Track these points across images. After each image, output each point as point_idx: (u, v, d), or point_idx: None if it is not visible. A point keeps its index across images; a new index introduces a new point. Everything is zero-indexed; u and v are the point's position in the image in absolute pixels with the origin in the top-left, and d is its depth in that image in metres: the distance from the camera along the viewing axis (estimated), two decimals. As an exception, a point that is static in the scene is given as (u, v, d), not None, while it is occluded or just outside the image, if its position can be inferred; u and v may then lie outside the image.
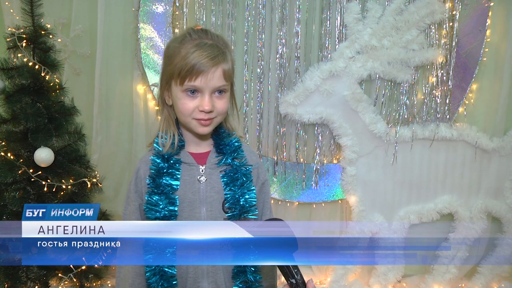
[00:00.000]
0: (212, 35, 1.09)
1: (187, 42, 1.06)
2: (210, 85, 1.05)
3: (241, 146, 1.17)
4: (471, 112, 2.45)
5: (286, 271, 0.95)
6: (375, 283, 2.48)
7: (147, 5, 2.33)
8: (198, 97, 1.06)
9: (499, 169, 2.45)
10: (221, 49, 1.07)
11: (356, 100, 2.31)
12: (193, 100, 1.06)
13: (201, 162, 1.14)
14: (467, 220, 2.45)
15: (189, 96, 1.06)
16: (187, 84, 1.04)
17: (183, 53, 1.04)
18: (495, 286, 2.50)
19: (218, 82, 1.05)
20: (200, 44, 1.05)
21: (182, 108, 1.07)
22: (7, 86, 1.96)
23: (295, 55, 2.37)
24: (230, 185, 1.11)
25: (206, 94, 1.05)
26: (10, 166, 1.91)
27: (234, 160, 1.14)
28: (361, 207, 2.42)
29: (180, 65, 1.04)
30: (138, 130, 2.44)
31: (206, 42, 1.06)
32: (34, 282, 1.97)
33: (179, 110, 1.09)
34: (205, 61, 1.03)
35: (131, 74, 2.41)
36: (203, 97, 1.05)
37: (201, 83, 1.04)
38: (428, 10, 2.27)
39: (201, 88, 1.05)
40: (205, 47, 1.04)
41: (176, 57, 1.06)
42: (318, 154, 2.45)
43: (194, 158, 1.14)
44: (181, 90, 1.06)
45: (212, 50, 1.05)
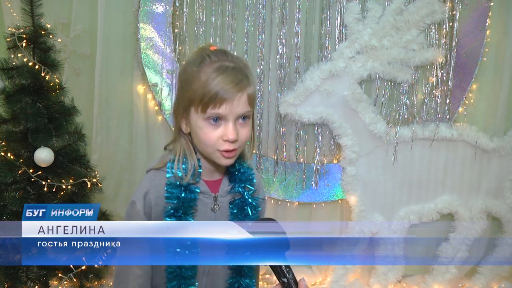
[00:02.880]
0: (232, 57, 1.02)
1: (206, 65, 0.98)
2: (235, 112, 0.97)
3: (253, 175, 1.12)
4: (471, 112, 2.45)
5: (278, 270, 0.95)
6: (375, 283, 2.48)
7: (147, 5, 2.33)
8: (221, 126, 0.98)
9: (499, 169, 2.45)
10: (244, 73, 1.00)
11: (356, 100, 2.31)
12: (216, 129, 0.98)
13: (214, 190, 1.10)
14: (467, 220, 2.45)
15: (212, 125, 0.98)
16: (210, 111, 0.96)
17: (203, 78, 0.97)
18: (495, 286, 2.50)
19: (243, 108, 0.98)
20: (221, 67, 0.97)
21: (205, 138, 0.99)
22: (7, 86, 1.96)
23: (295, 55, 2.37)
24: (237, 214, 1.08)
25: (231, 121, 0.98)
26: (10, 166, 1.91)
27: (244, 190, 1.10)
28: (361, 207, 2.42)
29: (201, 91, 0.96)
30: (138, 130, 2.44)
31: (227, 65, 0.98)
32: (34, 282, 1.98)
33: (200, 140, 1.01)
34: (230, 86, 0.95)
35: (131, 74, 2.41)
36: (227, 125, 0.98)
37: (226, 110, 0.96)
38: (428, 10, 2.27)
39: (226, 116, 0.97)
40: (228, 71, 0.97)
41: (195, 82, 0.98)
42: (318, 154, 2.45)
43: (208, 186, 1.09)
44: (203, 118, 0.98)
45: (236, 74, 0.97)
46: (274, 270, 0.96)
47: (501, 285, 2.49)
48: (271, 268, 0.97)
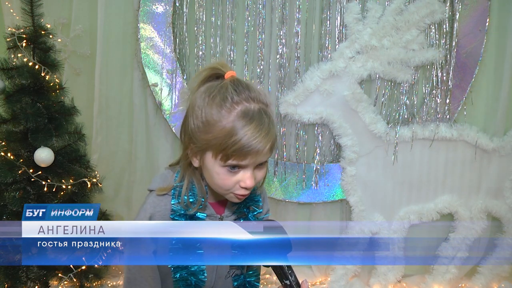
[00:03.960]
0: (254, 92, 0.92)
1: (228, 108, 0.89)
2: (257, 162, 0.93)
3: (259, 197, 1.10)
4: (471, 112, 2.45)
5: (280, 272, 0.95)
6: (375, 283, 2.48)
7: (147, 5, 2.33)
8: (240, 172, 0.93)
9: (499, 169, 2.45)
10: (268, 116, 0.92)
11: (356, 100, 2.31)
12: (234, 176, 0.93)
13: (220, 211, 1.08)
14: (467, 220, 2.45)
15: (229, 172, 0.92)
16: (231, 162, 0.90)
17: (226, 124, 0.88)
18: (495, 286, 2.50)
19: (266, 157, 0.93)
20: (247, 114, 0.89)
21: (221, 183, 0.94)
22: (7, 86, 1.96)
23: (295, 55, 2.37)
24: None
25: (250, 170, 0.93)
26: (10, 166, 1.91)
27: (249, 210, 1.08)
28: (361, 207, 2.42)
29: (224, 141, 0.88)
30: (138, 130, 2.44)
31: (252, 109, 0.90)
32: (34, 282, 1.98)
33: (214, 183, 0.96)
34: (258, 140, 0.88)
35: (131, 74, 2.41)
36: (245, 173, 0.93)
37: (250, 162, 0.91)
38: (428, 10, 2.27)
39: (247, 166, 0.92)
40: (255, 120, 0.89)
41: (215, 127, 0.90)
42: (318, 154, 2.45)
43: (213, 208, 1.07)
44: (220, 165, 0.92)
45: (263, 122, 0.90)
46: (276, 272, 0.96)
47: (501, 285, 2.49)
48: (273, 270, 0.96)
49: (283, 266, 0.94)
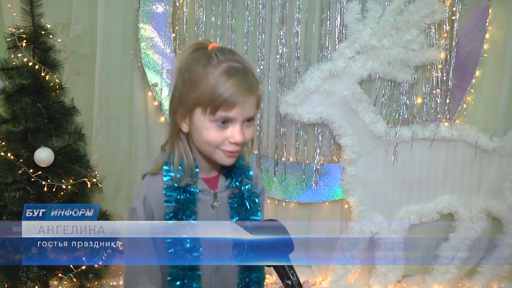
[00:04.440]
0: (238, 56, 0.99)
1: (213, 66, 0.96)
2: (245, 115, 0.97)
3: (249, 168, 1.13)
4: (471, 112, 2.45)
5: (282, 272, 0.94)
6: (375, 283, 2.48)
7: (147, 5, 2.33)
8: (228, 127, 0.97)
9: (499, 169, 2.45)
10: (253, 74, 0.99)
11: (356, 100, 2.31)
12: (223, 131, 0.97)
13: (213, 186, 1.10)
14: (467, 220, 2.45)
15: (219, 127, 0.97)
16: (219, 114, 0.95)
17: (212, 79, 0.95)
18: (495, 286, 2.50)
19: (252, 111, 0.99)
20: (231, 69, 0.95)
21: (210, 139, 0.98)
22: (7, 86, 1.96)
23: (295, 55, 2.37)
24: (237, 208, 1.09)
25: (238, 124, 0.97)
26: (10, 166, 1.91)
27: (241, 183, 1.10)
28: (361, 207, 2.42)
29: (211, 94, 0.94)
30: (138, 130, 2.44)
31: (236, 66, 0.96)
32: (34, 282, 1.98)
33: (204, 140, 0.99)
34: (242, 91, 0.94)
35: (131, 74, 2.41)
36: (234, 128, 0.97)
37: (237, 114, 0.96)
38: (428, 10, 2.27)
39: (235, 119, 0.97)
40: (239, 74, 0.95)
41: (202, 84, 0.96)
42: (318, 154, 2.45)
43: (206, 183, 1.09)
44: (209, 120, 0.97)
45: (247, 76, 0.97)
46: (278, 272, 0.95)
47: (501, 285, 2.49)
48: (275, 270, 0.96)
49: (285, 266, 0.94)
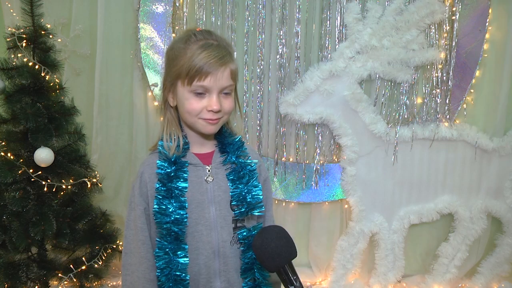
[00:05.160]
0: (216, 36, 1.10)
1: (192, 43, 1.06)
2: (219, 85, 1.06)
3: (244, 144, 1.19)
4: (471, 112, 2.45)
5: (285, 278, 0.94)
6: (375, 283, 2.48)
7: (147, 5, 2.33)
8: (205, 98, 1.07)
9: (499, 169, 2.45)
10: (227, 50, 1.08)
11: (356, 100, 2.31)
12: (201, 100, 1.06)
13: (207, 162, 1.15)
14: (467, 220, 2.45)
15: (196, 96, 1.06)
16: (195, 84, 1.04)
17: (189, 54, 1.05)
18: (495, 286, 2.50)
19: (226, 82, 1.07)
20: (206, 44, 1.06)
21: (190, 108, 1.07)
22: (7, 86, 1.96)
23: (295, 55, 2.37)
24: (236, 182, 1.12)
25: (214, 94, 1.06)
26: (10, 166, 1.91)
27: (238, 158, 1.15)
28: (361, 207, 2.42)
29: (187, 65, 1.04)
30: (138, 130, 2.44)
31: (211, 42, 1.07)
32: (34, 282, 1.97)
33: (185, 111, 1.09)
34: (214, 61, 1.04)
35: (131, 74, 2.41)
36: (211, 97, 1.06)
37: (210, 83, 1.04)
38: (428, 10, 2.27)
39: (210, 88, 1.06)
40: (212, 48, 1.05)
41: (182, 58, 1.06)
42: (318, 154, 2.45)
43: (199, 159, 1.14)
44: (188, 91, 1.06)
45: (220, 50, 1.06)
46: (281, 278, 0.95)
47: (501, 285, 2.49)
48: (278, 276, 0.96)
49: (288, 272, 0.94)
